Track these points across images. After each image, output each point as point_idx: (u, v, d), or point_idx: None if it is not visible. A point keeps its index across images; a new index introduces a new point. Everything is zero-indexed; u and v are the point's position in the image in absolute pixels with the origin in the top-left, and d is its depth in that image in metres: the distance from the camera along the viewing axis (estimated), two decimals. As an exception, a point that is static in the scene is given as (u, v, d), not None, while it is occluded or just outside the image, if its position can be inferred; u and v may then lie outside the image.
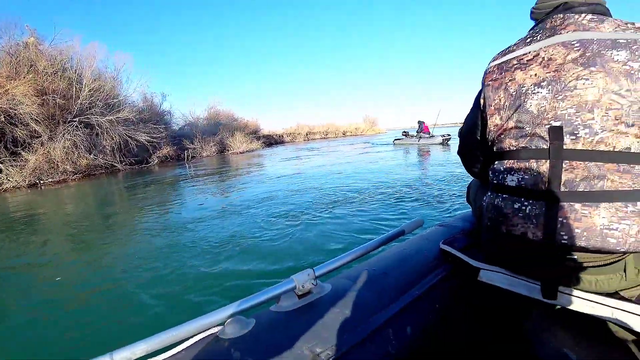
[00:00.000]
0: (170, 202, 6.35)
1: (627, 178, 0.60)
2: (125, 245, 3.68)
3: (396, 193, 4.95)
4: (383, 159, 11.01)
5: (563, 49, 0.67)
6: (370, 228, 3.38)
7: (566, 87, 0.65)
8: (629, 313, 0.62)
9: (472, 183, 1.18)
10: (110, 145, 15.61)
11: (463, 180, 5.49)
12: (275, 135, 38.56)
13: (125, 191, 8.97)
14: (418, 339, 0.73)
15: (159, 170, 14.58)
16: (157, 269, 2.80)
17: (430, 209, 4.03)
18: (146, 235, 3.95)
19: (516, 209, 0.71)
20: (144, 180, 11.01)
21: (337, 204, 4.55)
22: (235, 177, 9.45)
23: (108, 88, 16.55)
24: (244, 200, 5.45)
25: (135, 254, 3.25)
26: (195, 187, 8.10)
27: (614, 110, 0.61)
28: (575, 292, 0.68)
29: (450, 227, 1.19)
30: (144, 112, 19.53)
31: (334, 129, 48.49)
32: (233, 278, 2.47)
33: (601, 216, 0.61)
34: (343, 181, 6.54)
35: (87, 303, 2.35)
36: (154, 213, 5.27)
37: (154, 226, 4.37)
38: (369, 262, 0.96)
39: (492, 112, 0.78)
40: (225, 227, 3.89)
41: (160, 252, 3.20)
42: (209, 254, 3.02)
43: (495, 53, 0.83)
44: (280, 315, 0.71)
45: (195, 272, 2.64)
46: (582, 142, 0.64)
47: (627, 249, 0.60)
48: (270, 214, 4.28)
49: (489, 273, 0.82)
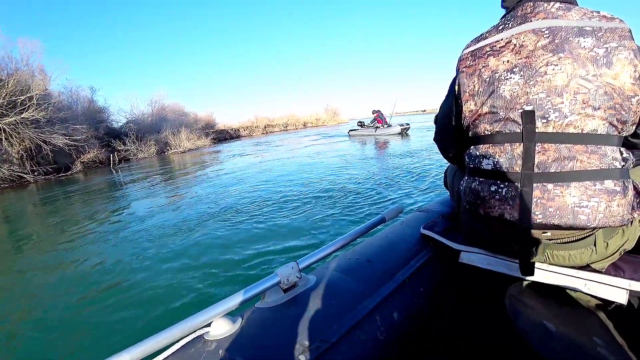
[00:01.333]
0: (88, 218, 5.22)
1: (594, 158, 0.63)
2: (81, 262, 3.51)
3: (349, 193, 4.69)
4: (332, 152, 10.17)
5: (533, 36, 0.69)
6: (344, 219, 3.41)
7: (537, 72, 0.67)
8: (599, 283, 0.66)
9: (449, 168, 1.20)
10: (18, 152, 12.75)
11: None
12: (231, 130, 36.63)
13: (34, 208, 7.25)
14: (405, 323, 0.74)
15: (85, 179, 12.22)
16: (119, 283, 2.64)
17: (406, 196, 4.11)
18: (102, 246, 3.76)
19: (493, 192, 0.73)
20: (52, 194, 8.97)
21: (289, 201, 4.48)
22: (172, 180, 8.55)
23: (12, 83, 13.33)
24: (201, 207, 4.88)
25: (86, 273, 3.07)
26: (121, 196, 7.13)
27: (582, 94, 0.64)
28: (550, 267, 0.71)
29: (429, 212, 1.22)
30: (66, 110, 16.59)
31: (294, 121, 47.29)
32: (215, 279, 2.42)
33: (572, 195, 0.64)
34: (286, 178, 6.29)
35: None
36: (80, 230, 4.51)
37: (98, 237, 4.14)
38: (352, 251, 0.96)
39: (467, 99, 0.79)
40: (191, 233, 3.76)
41: (118, 267, 3.00)
42: (173, 260, 2.91)
43: (468, 40, 0.85)
44: (266, 311, 0.70)
45: (165, 281, 2.52)
46: (552, 125, 0.66)
47: (597, 224, 0.63)
48: (235, 210, 4.23)
49: (469, 254, 0.85)
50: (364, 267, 0.87)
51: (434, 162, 6.42)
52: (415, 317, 0.77)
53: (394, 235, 1.05)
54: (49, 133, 14.12)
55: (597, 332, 0.62)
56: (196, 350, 0.60)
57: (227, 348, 0.59)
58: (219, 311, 0.64)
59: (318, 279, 0.81)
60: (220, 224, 3.75)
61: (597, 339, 0.60)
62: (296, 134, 30.54)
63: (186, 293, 2.26)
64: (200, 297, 2.20)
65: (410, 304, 0.79)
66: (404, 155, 7.96)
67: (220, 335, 0.62)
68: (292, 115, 49.14)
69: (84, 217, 5.42)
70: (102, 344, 1.87)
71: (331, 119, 53.62)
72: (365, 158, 8.41)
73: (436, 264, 0.93)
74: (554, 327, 0.64)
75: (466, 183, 0.82)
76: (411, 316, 0.76)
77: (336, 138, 16.77)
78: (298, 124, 47.44)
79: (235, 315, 0.69)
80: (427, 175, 5.25)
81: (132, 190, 7.88)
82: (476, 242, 0.85)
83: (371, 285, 0.80)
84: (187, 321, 0.61)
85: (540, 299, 0.73)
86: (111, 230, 4.30)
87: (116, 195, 7.48)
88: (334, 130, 28.85)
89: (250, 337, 0.62)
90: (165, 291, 2.34)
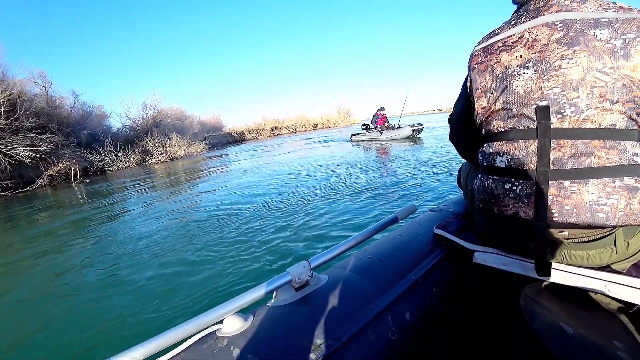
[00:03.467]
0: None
1: (613, 154, 0.61)
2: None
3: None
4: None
5: (547, 30, 0.67)
6: (357, 221, 3.37)
7: (551, 66, 0.66)
8: (620, 285, 0.64)
9: (462, 167, 1.18)
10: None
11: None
12: (235, 133, 34.62)
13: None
14: (417, 323, 0.74)
15: (52, 194, 10.74)
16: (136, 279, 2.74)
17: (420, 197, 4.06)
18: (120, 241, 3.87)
19: (507, 190, 0.71)
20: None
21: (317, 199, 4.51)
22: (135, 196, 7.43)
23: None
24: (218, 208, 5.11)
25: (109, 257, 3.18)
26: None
27: (599, 87, 0.62)
28: (568, 268, 0.69)
29: (443, 212, 1.20)
30: (44, 117, 14.95)
31: (303, 122, 45.47)
32: (228, 277, 2.46)
33: (590, 192, 0.62)
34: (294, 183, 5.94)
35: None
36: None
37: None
38: (364, 251, 0.96)
39: (479, 95, 0.78)
40: (212, 230, 3.85)
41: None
42: (187, 260, 2.98)
43: (480, 37, 0.83)
44: (278, 309, 0.70)
45: (184, 277, 2.59)
46: (568, 121, 0.64)
47: (617, 223, 0.61)
48: (259, 211, 4.27)
49: (483, 254, 0.83)
50: (375, 266, 0.86)
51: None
52: (427, 317, 0.76)
53: (407, 235, 1.04)
54: (10, 145, 12.31)
55: (617, 335, 0.60)
56: (208, 347, 0.61)
57: (238, 345, 0.60)
58: (231, 308, 0.65)
59: (330, 278, 0.81)
60: (231, 226, 3.80)
61: (617, 342, 0.58)
62: (306, 135, 29.35)
63: (199, 291, 2.31)
64: (212, 295, 2.24)
65: (423, 304, 0.78)
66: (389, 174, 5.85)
67: (232, 332, 0.63)
68: (301, 116, 47.45)
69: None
70: (117, 339, 1.93)
71: (344, 120, 51.18)
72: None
73: (449, 264, 0.92)
74: (572, 329, 0.62)
75: (480, 181, 0.80)
76: (423, 316, 0.75)
77: (331, 144, 14.53)
78: (307, 125, 45.73)
79: (247, 313, 0.70)
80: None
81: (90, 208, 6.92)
82: (490, 241, 0.83)
83: (383, 285, 0.79)
84: (199, 318, 0.62)
85: (557, 300, 0.71)
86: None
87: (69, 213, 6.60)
88: (338, 133, 25.30)
89: (262, 335, 0.63)
90: (178, 289, 2.39)
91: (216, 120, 35.91)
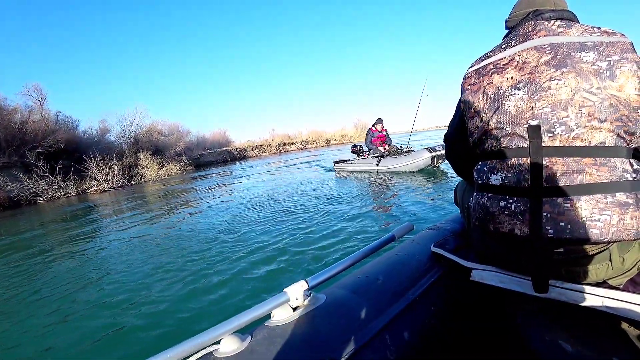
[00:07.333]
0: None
1: (604, 171, 0.63)
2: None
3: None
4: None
5: (536, 53, 0.71)
6: (358, 238, 3.35)
7: (541, 87, 0.69)
8: (617, 300, 0.64)
9: (458, 185, 1.20)
10: None
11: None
12: (235, 150, 31.60)
13: None
14: (416, 342, 0.73)
15: None
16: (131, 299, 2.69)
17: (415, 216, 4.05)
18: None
19: (502, 207, 0.73)
20: None
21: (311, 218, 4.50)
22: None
23: None
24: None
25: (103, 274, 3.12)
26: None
27: (587, 107, 0.64)
28: (565, 285, 0.69)
29: (440, 230, 1.20)
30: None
31: (315, 137, 41.82)
32: (225, 297, 2.42)
33: (583, 209, 0.63)
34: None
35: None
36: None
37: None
38: (362, 270, 0.95)
39: (472, 115, 0.80)
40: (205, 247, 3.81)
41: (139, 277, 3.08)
42: (188, 278, 2.94)
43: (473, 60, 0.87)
44: (275, 329, 0.69)
45: (178, 295, 2.54)
46: (559, 139, 0.66)
47: (610, 238, 0.62)
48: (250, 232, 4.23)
49: (480, 272, 0.83)
50: (373, 285, 0.86)
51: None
52: (425, 336, 0.75)
53: (404, 254, 1.04)
54: None
55: (616, 351, 0.60)
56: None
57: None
58: (228, 329, 0.64)
59: (327, 297, 0.80)
60: (228, 245, 3.76)
61: (617, 359, 0.58)
62: (316, 152, 26.91)
63: (195, 310, 2.25)
64: (209, 314, 2.19)
65: (421, 323, 0.77)
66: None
67: (230, 352, 0.62)
68: (313, 131, 43.58)
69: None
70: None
71: (360, 135, 42.42)
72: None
73: (447, 282, 0.91)
74: (571, 347, 0.62)
75: (475, 199, 0.82)
76: (422, 335, 0.75)
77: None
78: (320, 141, 41.49)
79: (245, 333, 0.69)
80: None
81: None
82: (487, 259, 0.84)
83: (381, 304, 0.79)
84: (196, 338, 0.61)
85: (555, 317, 0.70)
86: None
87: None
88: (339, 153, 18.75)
89: (259, 355, 0.62)
90: (174, 308, 2.33)
91: (222, 135, 33.43)
